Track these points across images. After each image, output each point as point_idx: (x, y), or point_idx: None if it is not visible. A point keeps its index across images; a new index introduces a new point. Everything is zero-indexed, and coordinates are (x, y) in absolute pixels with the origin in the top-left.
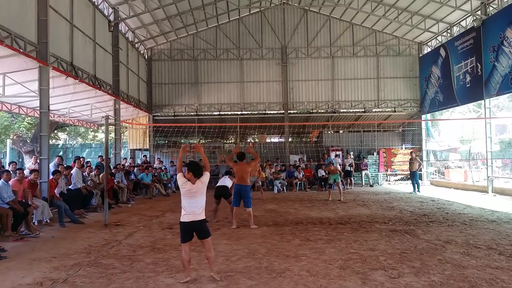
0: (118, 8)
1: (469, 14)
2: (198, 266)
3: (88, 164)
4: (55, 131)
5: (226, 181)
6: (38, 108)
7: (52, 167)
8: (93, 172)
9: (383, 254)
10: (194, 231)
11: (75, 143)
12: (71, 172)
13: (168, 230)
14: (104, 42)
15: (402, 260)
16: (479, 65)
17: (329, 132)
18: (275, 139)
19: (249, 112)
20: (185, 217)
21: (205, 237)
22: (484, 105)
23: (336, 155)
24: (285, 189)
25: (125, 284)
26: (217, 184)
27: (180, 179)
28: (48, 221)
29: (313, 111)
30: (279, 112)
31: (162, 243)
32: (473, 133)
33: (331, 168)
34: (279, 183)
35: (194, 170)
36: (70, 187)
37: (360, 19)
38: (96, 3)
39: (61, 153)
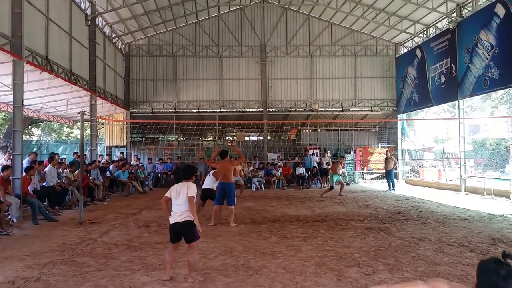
0: (95, 2)
1: (445, 16)
2: (175, 264)
3: (63, 161)
4: (29, 127)
5: (211, 183)
6: (12, 103)
7: (26, 164)
8: (67, 169)
9: (358, 251)
10: (179, 233)
11: (49, 139)
12: (45, 169)
13: (145, 228)
14: (80, 37)
15: (377, 257)
16: (453, 66)
17: (307, 131)
18: (254, 137)
19: (228, 110)
20: (171, 219)
21: (190, 241)
22: (458, 105)
23: (312, 154)
24: (263, 187)
25: (100, 282)
26: (203, 187)
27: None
28: (15, 220)
29: (292, 109)
30: (258, 110)
31: (138, 241)
32: (447, 133)
33: (334, 164)
34: (257, 181)
35: (183, 172)
36: (44, 184)
37: (339, 18)
38: None
39: (35, 149)
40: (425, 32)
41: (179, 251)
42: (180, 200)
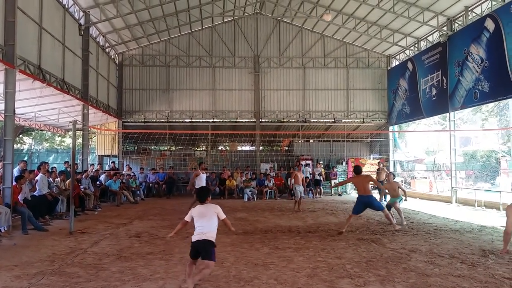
0: (89, 12)
1: (436, 30)
2: (166, 275)
3: (53, 170)
4: (20, 136)
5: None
6: (3, 112)
7: (16, 173)
8: (58, 178)
9: (350, 262)
10: (199, 250)
11: (40, 148)
12: (36, 178)
13: (136, 238)
14: (73, 46)
15: (368, 268)
16: (444, 79)
17: (300, 141)
18: (246, 147)
19: (221, 120)
20: (194, 237)
21: (206, 258)
22: (449, 118)
23: (306, 164)
24: (255, 198)
25: None
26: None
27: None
28: (6, 228)
29: (284, 120)
30: (251, 120)
31: (129, 252)
32: (438, 144)
33: (391, 181)
34: (250, 191)
35: (199, 195)
36: (35, 193)
37: (331, 31)
38: (66, 6)
39: (26, 158)
40: (416, 45)
41: (169, 261)
42: (206, 221)
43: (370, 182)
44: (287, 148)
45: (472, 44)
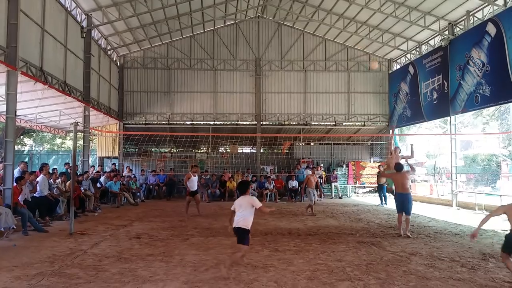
0: (91, 14)
1: (437, 34)
2: (165, 277)
3: (54, 171)
4: (21, 137)
5: (194, 185)
6: (4, 113)
7: (16, 174)
8: (59, 180)
9: (350, 265)
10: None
11: (41, 150)
12: (37, 179)
13: (136, 239)
14: (75, 48)
15: (368, 271)
16: (445, 83)
17: (301, 144)
18: (247, 150)
19: (222, 122)
20: (234, 224)
21: (239, 243)
22: (450, 121)
23: (307, 167)
24: None
25: None
26: (192, 189)
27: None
28: (15, 227)
29: (285, 123)
30: (252, 123)
31: (129, 253)
32: (439, 148)
33: (397, 154)
34: (250, 193)
35: (239, 188)
36: (35, 194)
37: (333, 35)
38: (69, 9)
39: (26, 160)
40: (417, 49)
41: (169, 263)
42: (242, 211)
43: (408, 177)
44: (287, 151)
45: (474, 48)
